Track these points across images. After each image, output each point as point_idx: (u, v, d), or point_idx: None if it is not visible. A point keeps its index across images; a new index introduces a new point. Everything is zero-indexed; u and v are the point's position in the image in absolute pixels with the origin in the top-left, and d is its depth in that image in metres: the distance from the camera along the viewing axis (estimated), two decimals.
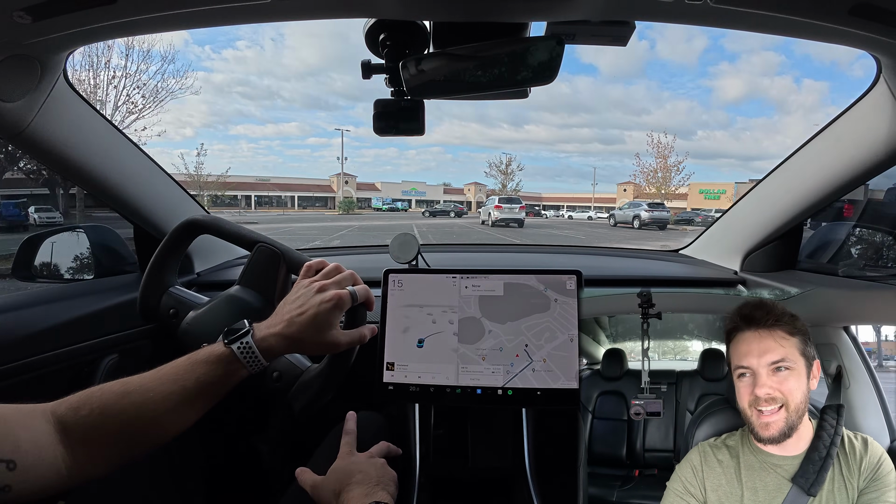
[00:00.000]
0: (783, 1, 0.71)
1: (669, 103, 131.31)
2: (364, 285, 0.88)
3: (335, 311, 0.79)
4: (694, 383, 1.03)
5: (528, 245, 2.37)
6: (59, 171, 1.16)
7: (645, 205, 26.13)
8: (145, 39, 17.64)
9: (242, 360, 0.74)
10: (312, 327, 0.77)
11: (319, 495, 0.85)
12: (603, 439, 1.05)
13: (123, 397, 0.68)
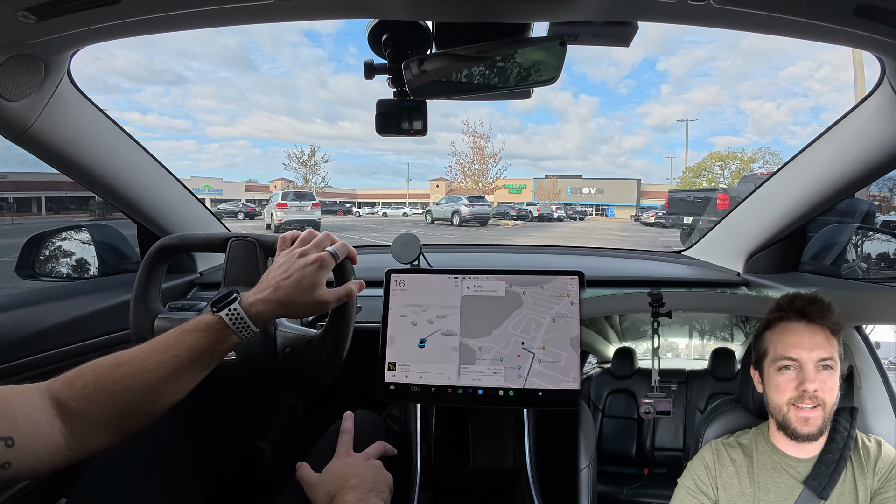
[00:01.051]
0: (786, 2, 0.71)
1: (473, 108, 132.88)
2: (342, 242, 0.90)
3: (320, 271, 0.82)
4: (704, 382, 1.02)
5: (531, 246, 2.36)
6: (63, 170, 1.16)
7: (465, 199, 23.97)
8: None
9: (232, 327, 0.75)
10: (299, 289, 0.79)
11: (314, 494, 0.85)
12: (613, 437, 1.05)
13: (116, 369, 0.68)
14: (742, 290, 1.45)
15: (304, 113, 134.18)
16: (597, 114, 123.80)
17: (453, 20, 0.86)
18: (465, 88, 0.90)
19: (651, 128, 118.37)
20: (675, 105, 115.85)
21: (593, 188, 57.95)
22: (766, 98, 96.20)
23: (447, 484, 1.18)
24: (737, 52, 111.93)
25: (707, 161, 47.94)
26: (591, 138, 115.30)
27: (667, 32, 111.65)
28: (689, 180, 46.35)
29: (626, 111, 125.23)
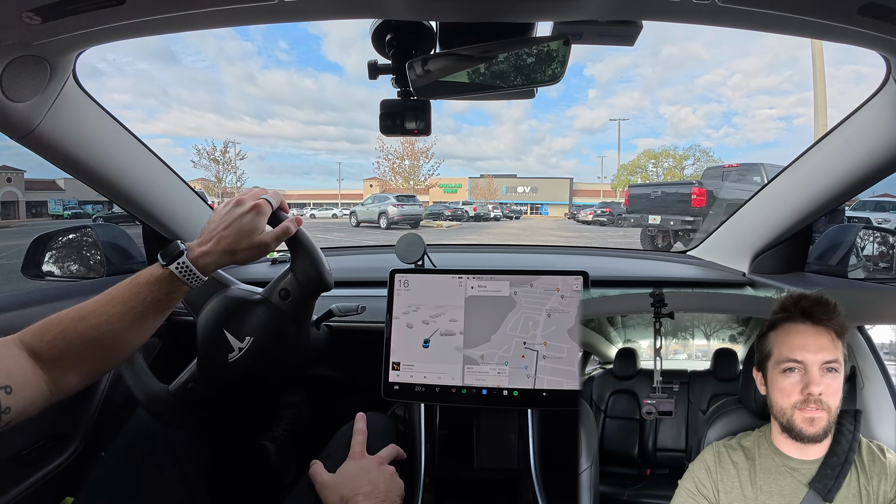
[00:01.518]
0: (791, 0, 0.71)
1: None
2: (274, 191, 0.95)
3: (258, 216, 0.87)
4: (706, 383, 1.02)
5: (536, 246, 2.37)
6: (68, 171, 1.16)
7: (392, 198, 21.54)
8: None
9: (183, 278, 0.81)
10: (240, 236, 0.85)
11: (327, 496, 0.86)
12: (615, 438, 1.05)
13: (81, 321, 0.75)
14: (747, 290, 1.45)
15: (232, 109, 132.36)
16: (528, 116, 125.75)
17: (457, 20, 0.86)
18: (469, 88, 0.90)
19: (580, 130, 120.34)
20: (602, 109, 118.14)
21: (527, 187, 59.59)
22: (684, 103, 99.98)
23: (451, 484, 1.18)
24: (657, 60, 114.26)
25: (641, 159, 48.48)
26: (524, 139, 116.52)
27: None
28: (625, 178, 47.24)
29: (557, 114, 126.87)
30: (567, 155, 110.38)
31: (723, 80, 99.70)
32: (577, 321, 1.06)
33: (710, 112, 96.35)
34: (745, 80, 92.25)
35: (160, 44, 39.87)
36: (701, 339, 1.04)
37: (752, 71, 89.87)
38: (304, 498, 0.90)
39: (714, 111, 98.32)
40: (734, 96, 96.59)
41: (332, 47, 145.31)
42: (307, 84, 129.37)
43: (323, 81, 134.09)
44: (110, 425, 1.21)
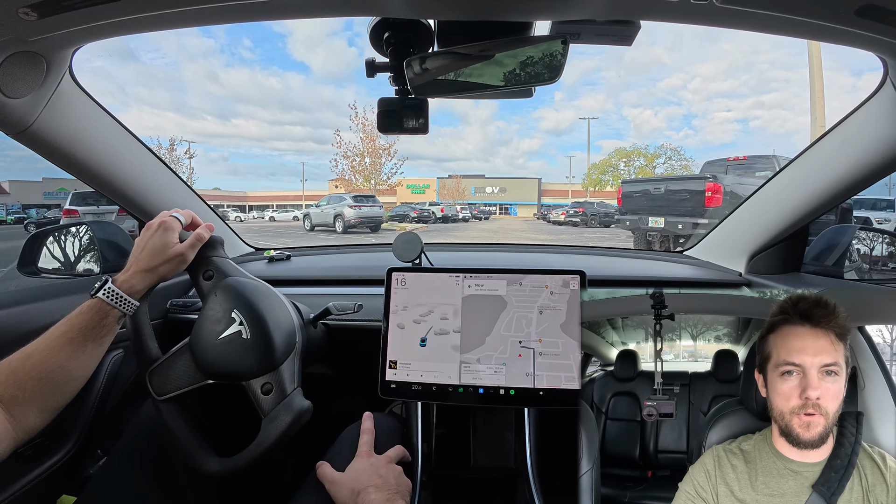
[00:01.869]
0: (789, 2, 0.71)
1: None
2: (187, 210, 1.00)
3: (165, 232, 0.93)
4: (707, 384, 1.02)
5: (533, 245, 2.37)
6: (64, 168, 1.16)
7: (349, 199, 18.88)
8: None
9: (113, 304, 0.87)
10: (153, 254, 0.91)
11: (337, 492, 0.87)
12: (616, 440, 1.05)
13: (27, 359, 0.80)
14: (744, 290, 1.45)
15: (193, 108, 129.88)
16: (496, 117, 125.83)
17: (455, 18, 0.85)
18: (467, 87, 0.90)
19: (546, 131, 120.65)
20: (567, 111, 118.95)
21: (496, 187, 59.80)
22: (646, 106, 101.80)
23: (448, 482, 1.18)
24: (621, 63, 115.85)
25: (612, 158, 47.46)
26: (491, 140, 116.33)
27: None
28: (596, 177, 46.78)
29: (523, 115, 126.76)
30: (534, 156, 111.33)
31: (683, 83, 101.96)
32: (569, 316, 1.06)
33: (671, 114, 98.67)
34: (704, 84, 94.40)
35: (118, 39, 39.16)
36: (697, 341, 1.05)
37: (711, 75, 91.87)
38: (312, 496, 0.91)
39: (675, 113, 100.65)
40: (694, 99, 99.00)
41: (297, 46, 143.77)
42: (272, 83, 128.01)
43: (288, 80, 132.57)
44: (106, 423, 1.20)
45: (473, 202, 51.88)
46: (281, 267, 1.72)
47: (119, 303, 0.88)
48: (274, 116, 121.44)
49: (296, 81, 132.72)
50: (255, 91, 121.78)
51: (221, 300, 0.97)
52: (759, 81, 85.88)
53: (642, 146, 50.85)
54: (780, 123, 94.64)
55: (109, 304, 0.86)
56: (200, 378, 0.96)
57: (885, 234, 1.64)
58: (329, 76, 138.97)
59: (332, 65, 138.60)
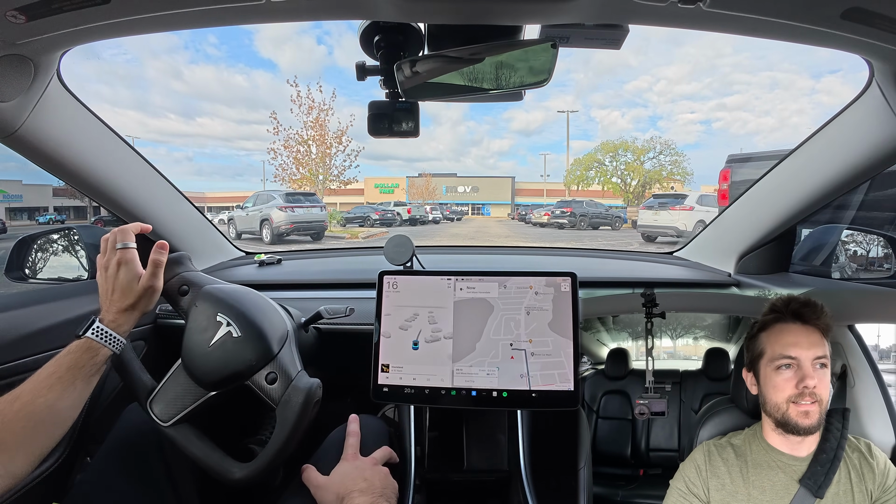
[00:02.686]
0: (776, 5, 0.72)
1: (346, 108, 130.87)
2: (124, 227, 0.97)
3: (126, 268, 0.92)
4: (698, 383, 1.03)
5: (524, 247, 2.38)
6: (52, 172, 1.15)
7: (279, 198, 15.24)
8: None
9: (102, 342, 0.86)
10: (125, 294, 0.90)
11: (322, 496, 0.87)
12: (608, 439, 1.06)
13: (16, 401, 0.77)
14: (733, 290, 1.46)
15: (155, 107, 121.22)
16: (467, 117, 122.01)
17: (445, 22, 0.86)
18: (458, 90, 0.91)
19: (516, 132, 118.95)
20: (537, 112, 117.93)
21: (468, 186, 56.95)
22: (613, 108, 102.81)
23: (441, 485, 1.18)
24: (589, 66, 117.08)
25: (598, 153, 43.58)
26: (462, 140, 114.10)
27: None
28: (580, 174, 43.60)
29: (494, 116, 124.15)
30: (504, 156, 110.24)
31: (649, 86, 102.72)
32: (556, 315, 1.06)
33: (637, 116, 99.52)
34: (669, 87, 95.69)
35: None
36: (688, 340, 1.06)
37: (676, 78, 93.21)
38: (297, 501, 0.90)
39: (641, 115, 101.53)
40: (659, 101, 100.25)
41: (264, 43, 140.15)
42: (238, 81, 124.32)
43: (255, 78, 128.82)
44: (95, 430, 1.19)
45: (445, 202, 49.74)
46: (272, 271, 1.71)
47: (108, 341, 0.87)
48: (241, 115, 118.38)
49: (263, 79, 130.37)
50: (221, 89, 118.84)
51: (203, 309, 0.97)
52: (722, 84, 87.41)
53: (630, 139, 48.42)
54: (741, 125, 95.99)
55: (99, 343, 0.86)
56: (202, 392, 0.95)
57: (871, 234, 1.66)
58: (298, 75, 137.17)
59: (301, 63, 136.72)
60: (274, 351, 0.96)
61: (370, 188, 53.14)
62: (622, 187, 42.33)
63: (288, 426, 0.91)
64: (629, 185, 41.94)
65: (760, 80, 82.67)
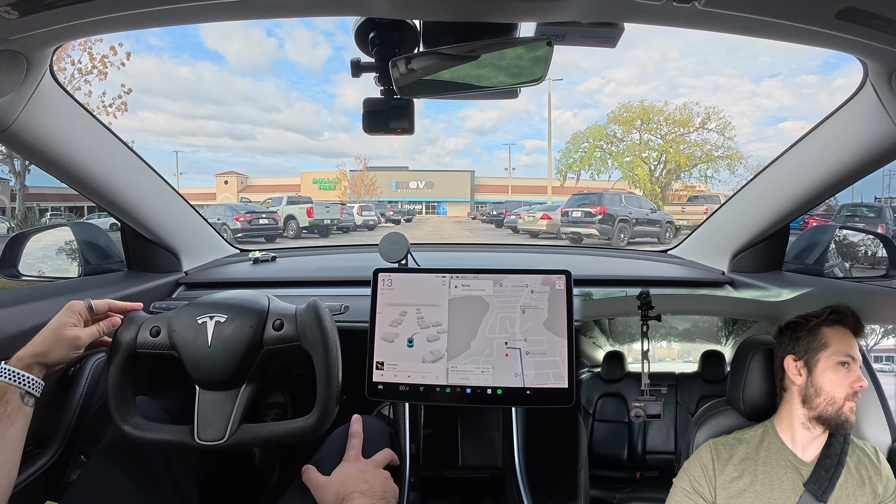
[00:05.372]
0: (771, 5, 0.72)
1: (298, 103, 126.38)
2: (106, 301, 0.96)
3: (64, 312, 0.91)
4: (694, 385, 1.03)
5: (519, 245, 2.38)
6: (45, 169, 1.14)
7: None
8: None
9: (14, 383, 0.81)
10: (46, 339, 0.87)
11: (323, 497, 0.87)
12: (604, 442, 1.06)
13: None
14: (727, 288, 1.47)
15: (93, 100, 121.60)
16: (422, 115, 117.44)
17: (441, 19, 0.85)
18: (452, 87, 0.91)
19: (471, 130, 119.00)
20: (492, 111, 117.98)
21: (422, 182, 52.30)
22: (565, 108, 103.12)
23: (436, 482, 1.18)
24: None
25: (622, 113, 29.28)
26: (418, 138, 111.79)
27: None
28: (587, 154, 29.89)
29: (449, 114, 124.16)
30: (460, 155, 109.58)
31: (599, 87, 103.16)
32: (551, 314, 1.07)
33: (588, 116, 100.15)
34: (618, 89, 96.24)
35: None
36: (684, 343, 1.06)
37: (625, 80, 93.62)
38: (297, 501, 0.90)
39: (592, 116, 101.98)
40: (609, 102, 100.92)
41: (210, 33, 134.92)
42: (183, 73, 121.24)
43: (201, 71, 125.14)
44: (89, 428, 1.19)
45: (395, 199, 45.60)
46: (267, 268, 1.71)
47: (24, 382, 0.82)
48: (185, 109, 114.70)
49: (209, 72, 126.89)
50: (164, 82, 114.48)
51: (182, 327, 0.96)
52: (669, 87, 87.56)
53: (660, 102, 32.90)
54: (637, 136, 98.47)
55: (10, 384, 0.81)
56: (235, 392, 0.95)
57: (863, 233, 1.67)
58: (246, 67, 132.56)
59: (249, 55, 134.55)
60: (264, 304, 0.97)
61: (308, 183, 49.41)
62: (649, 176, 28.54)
63: (321, 349, 0.92)
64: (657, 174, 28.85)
65: (704, 83, 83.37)
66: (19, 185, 17.76)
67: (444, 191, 51.54)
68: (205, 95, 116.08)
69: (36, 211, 29.90)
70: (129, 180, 1.37)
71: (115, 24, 0.83)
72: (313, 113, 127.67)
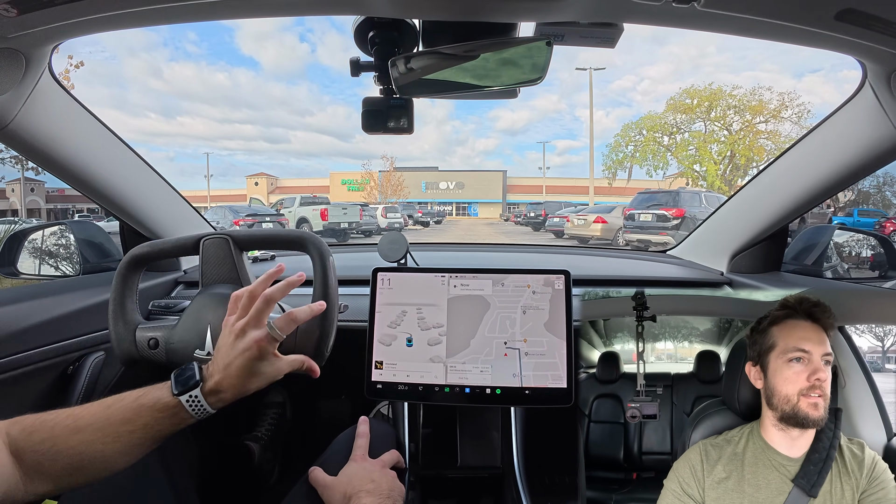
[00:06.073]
0: (770, 6, 0.72)
1: (330, 107, 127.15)
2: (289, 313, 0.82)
3: (259, 358, 0.77)
4: (689, 385, 1.03)
5: (518, 245, 2.38)
6: (44, 167, 1.14)
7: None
8: None
9: (191, 411, 0.74)
10: (245, 376, 0.77)
11: (330, 497, 0.87)
12: (600, 443, 1.06)
13: (75, 433, 0.70)
14: (726, 289, 1.47)
15: (135, 106, 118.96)
16: (452, 117, 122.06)
17: (440, 18, 0.86)
18: (452, 87, 0.91)
19: (501, 131, 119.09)
20: (522, 111, 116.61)
21: (452, 182, 50.89)
22: (598, 107, 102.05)
23: (436, 482, 1.18)
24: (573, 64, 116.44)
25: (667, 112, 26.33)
26: (448, 140, 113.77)
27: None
28: (643, 147, 26.63)
29: (479, 115, 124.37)
30: (490, 155, 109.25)
31: (633, 85, 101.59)
32: (552, 315, 1.07)
33: (621, 115, 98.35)
34: (652, 86, 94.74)
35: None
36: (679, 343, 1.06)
37: (660, 77, 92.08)
38: (303, 501, 0.90)
39: (625, 115, 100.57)
40: (643, 101, 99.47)
41: (246, 40, 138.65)
42: (220, 79, 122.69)
43: (237, 76, 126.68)
44: None
45: (425, 200, 45.43)
46: (265, 267, 1.70)
47: (198, 412, 0.75)
48: (223, 114, 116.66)
49: (245, 77, 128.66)
50: (202, 87, 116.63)
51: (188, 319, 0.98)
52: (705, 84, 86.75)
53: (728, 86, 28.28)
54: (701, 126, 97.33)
55: (188, 412, 0.74)
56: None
57: (862, 234, 1.67)
58: (280, 72, 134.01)
59: (284, 61, 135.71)
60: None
61: (336, 184, 49.44)
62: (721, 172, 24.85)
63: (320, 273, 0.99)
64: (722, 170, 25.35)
65: (743, 80, 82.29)
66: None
67: (475, 191, 50.46)
68: (241, 100, 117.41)
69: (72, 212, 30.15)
70: (129, 179, 1.37)
71: (113, 22, 0.83)
72: (345, 116, 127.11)
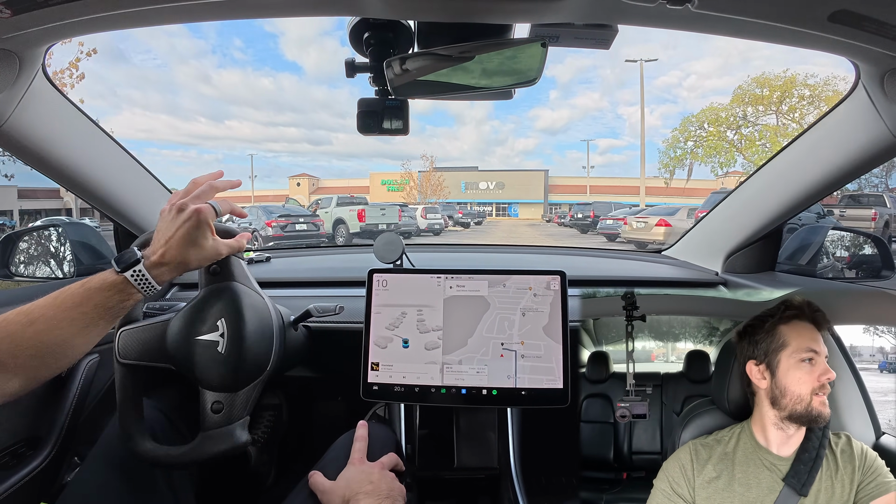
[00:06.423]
0: (764, 7, 0.72)
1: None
2: (224, 199, 0.89)
3: (200, 225, 0.83)
4: (679, 385, 1.03)
5: (514, 245, 2.38)
6: (38, 168, 1.14)
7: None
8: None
9: (137, 286, 0.79)
10: (185, 246, 0.82)
11: (329, 500, 0.86)
12: (590, 443, 1.06)
13: (29, 326, 0.73)
14: (720, 289, 1.47)
15: (186, 111, 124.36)
16: (491, 117, 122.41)
17: (435, 20, 0.85)
18: (447, 88, 0.91)
19: (541, 130, 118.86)
20: (563, 109, 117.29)
21: (492, 182, 50.10)
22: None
23: (432, 483, 1.18)
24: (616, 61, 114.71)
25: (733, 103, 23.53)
26: (486, 140, 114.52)
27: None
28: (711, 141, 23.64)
29: (518, 114, 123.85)
30: (530, 155, 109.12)
31: (678, 81, 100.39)
32: (551, 318, 1.07)
33: (666, 112, 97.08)
34: (699, 82, 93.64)
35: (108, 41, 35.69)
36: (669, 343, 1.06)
37: (706, 72, 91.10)
38: (304, 502, 0.90)
39: (670, 111, 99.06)
40: (689, 97, 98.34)
41: (289, 46, 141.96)
42: (265, 84, 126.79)
43: (281, 81, 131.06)
44: (83, 429, 1.18)
45: (464, 201, 43.76)
46: (260, 269, 1.70)
47: (144, 287, 0.80)
48: (268, 118, 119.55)
49: (289, 82, 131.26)
50: (248, 92, 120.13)
51: (215, 302, 0.96)
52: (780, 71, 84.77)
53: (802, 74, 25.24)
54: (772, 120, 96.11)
55: (134, 287, 0.79)
56: (163, 360, 0.95)
57: (856, 234, 1.68)
58: (322, 76, 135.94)
59: (325, 65, 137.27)
60: (237, 388, 0.97)
61: (376, 185, 49.30)
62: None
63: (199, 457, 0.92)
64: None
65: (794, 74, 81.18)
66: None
67: (516, 191, 49.30)
68: (285, 104, 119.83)
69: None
70: (122, 180, 1.36)
71: (107, 23, 0.83)
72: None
